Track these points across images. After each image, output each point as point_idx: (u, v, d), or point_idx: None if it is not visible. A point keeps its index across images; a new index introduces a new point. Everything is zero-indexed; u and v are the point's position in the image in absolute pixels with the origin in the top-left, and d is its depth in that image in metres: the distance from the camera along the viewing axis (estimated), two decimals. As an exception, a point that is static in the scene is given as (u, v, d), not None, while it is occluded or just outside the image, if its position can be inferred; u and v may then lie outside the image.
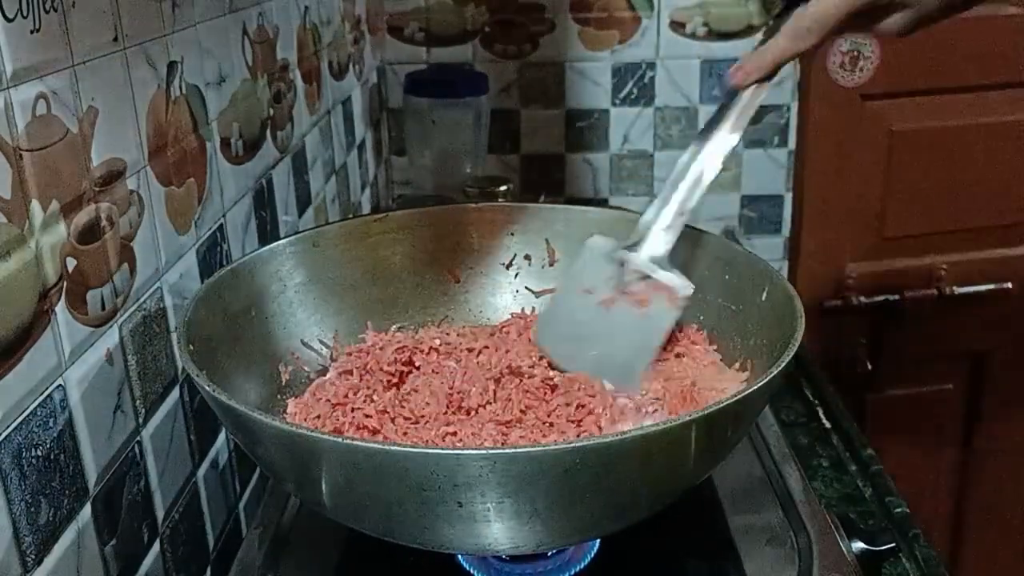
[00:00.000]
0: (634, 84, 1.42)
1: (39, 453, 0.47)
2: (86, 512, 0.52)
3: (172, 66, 0.64)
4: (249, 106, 0.79)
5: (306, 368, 0.70)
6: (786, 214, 1.48)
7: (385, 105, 1.44)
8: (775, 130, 1.43)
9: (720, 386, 0.65)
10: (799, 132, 1.43)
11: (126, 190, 0.57)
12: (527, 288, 0.78)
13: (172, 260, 0.64)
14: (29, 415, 0.46)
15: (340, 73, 1.13)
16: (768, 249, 1.49)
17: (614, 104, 1.43)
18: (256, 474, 0.80)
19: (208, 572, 0.69)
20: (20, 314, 0.46)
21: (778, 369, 0.52)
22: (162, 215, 0.62)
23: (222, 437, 0.73)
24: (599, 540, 0.64)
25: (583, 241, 0.71)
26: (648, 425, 0.58)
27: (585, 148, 1.46)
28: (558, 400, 0.62)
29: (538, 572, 0.62)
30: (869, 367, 1.52)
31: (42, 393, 0.48)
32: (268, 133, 0.85)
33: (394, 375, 0.67)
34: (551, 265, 0.78)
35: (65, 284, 0.50)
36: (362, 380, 0.66)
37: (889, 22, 0.63)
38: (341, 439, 0.48)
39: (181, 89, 0.65)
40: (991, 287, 1.52)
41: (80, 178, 0.51)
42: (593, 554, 0.63)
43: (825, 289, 1.50)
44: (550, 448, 0.46)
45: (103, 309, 0.54)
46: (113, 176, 0.55)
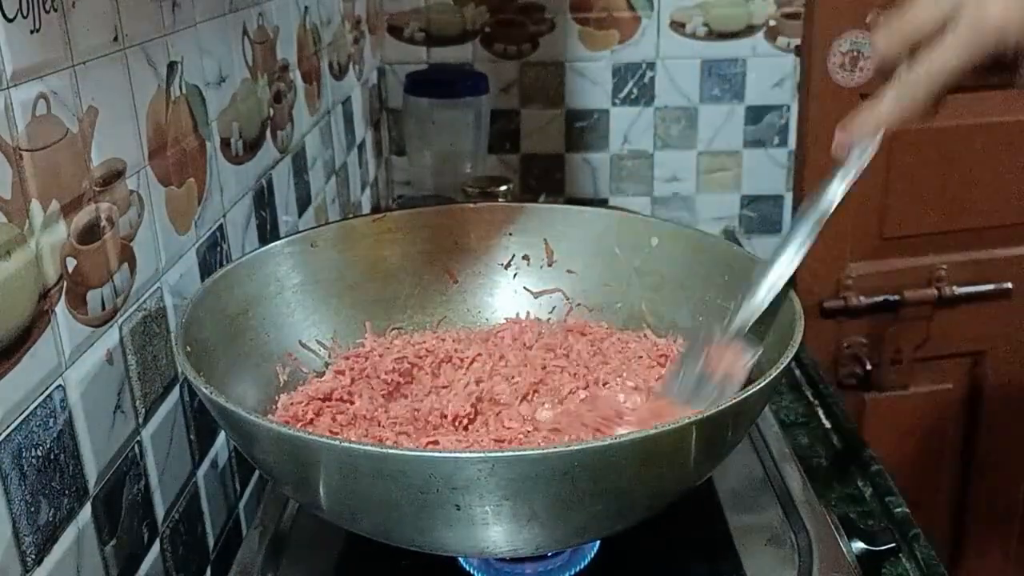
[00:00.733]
0: (634, 84, 1.42)
1: (39, 453, 0.47)
2: (86, 512, 0.52)
3: (172, 66, 0.64)
4: (249, 106, 0.79)
5: (304, 369, 0.70)
6: (786, 214, 1.48)
7: (385, 105, 1.44)
8: (775, 130, 1.43)
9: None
10: (799, 132, 1.43)
11: (126, 190, 0.57)
12: (525, 288, 0.78)
13: (172, 260, 0.64)
14: (29, 415, 0.46)
15: (340, 73, 1.13)
16: (768, 249, 1.48)
17: (614, 104, 1.43)
18: (256, 474, 0.80)
19: (208, 572, 0.69)
20: (20, 314, 0.46)
21: (778, 370, 0.52)
22: (162, 215, 0.62)
23: (222, 437, 0.73)
24: (599, 540, 0.64)
25: (583, 241, 0.71)
26: (647, 428, 0.57)
27: (585, 148, 1.46)
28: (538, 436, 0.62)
29: (538, 572, 0.62)
30: (869, 367, 1.52)
31: (42, 393, 0.48)
32: (268, 133, 0.85)
33: (389, 383, 0.67)
34: (550, 265, 0.78)
35: (65, 284, 0.50)
36: (354, 384, 0.66)
37: (1021, 76, 0.54)
38: (338, 442, 0.48)
39: (181, 89, 0.65)
40: (991, 287, 1.52)
41: (80, 178, 0.51)
42: (593, 554, 0.63)
43: (825, 289, 1.50)
44: (548, 451, 0.46)
45: (103, 309, 0.54)
46: (113, 176, 0.55)
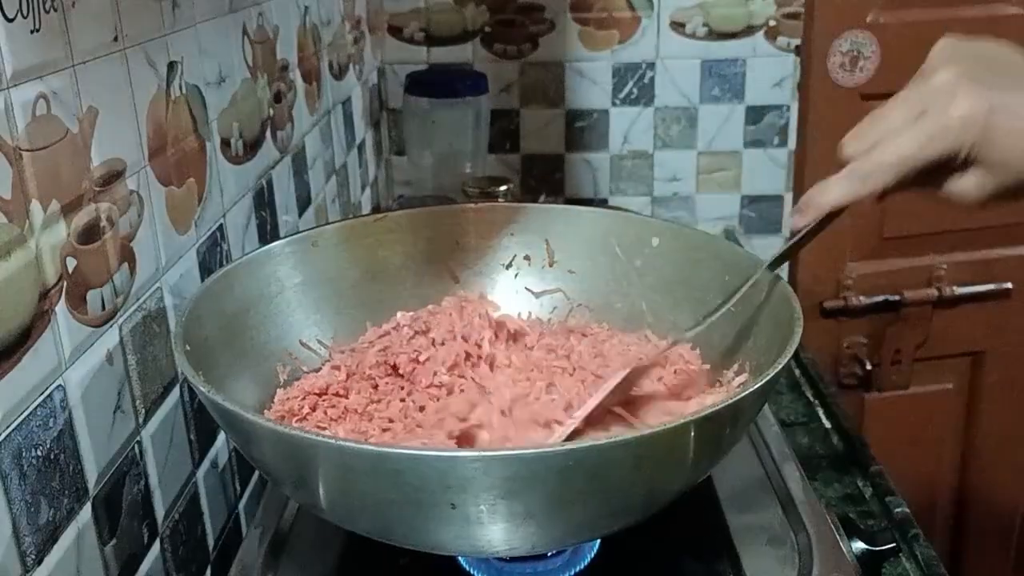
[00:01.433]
0: (634, 84, 1.42)
1: (39, 453, 0.47)
2: (86, 512, 0.52)
3: (172, 66, 0.64)
4: (249, 106, 0.79)
5: (304, 369, 0.70)
6: (786, 214, 1.48)
7: (385, 105, 1.44)
8: (775, 130, 1.43)
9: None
10: (799, 132, 1.43)
11: (126, 190, 0.57)
12: (527, 288, 0.78)
13: (172, 260, 0.64)
14: (29, 415, 0.47)
15: (340, 73, 1.13)
16: (768, 249, 1.47)
17: (614, 104, 1.43)
18: (256, 474, 0.80)
19: (208, 572, 0.70)
20: (20, 314, 0.46)
21: (775, 370, 0.52)
22: (162, 215, 0.62)
23: (222, 437, 0.73)
24: (599, 540, 0.64)
25: (584, 241, 0.71)
26: (643, 427, 0.58)
27: (585, 148, 1.46)
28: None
29: (538, 572, 0.62)
30: (869, 367, 1.52)
31: (42, 393, 0.48)
32: (268, 133, 0.85)
33: (374, 378, 0.67)
34: (550, 266, 0.78)
35: (65, 284, 0.50)
36: (349, 380, 0.66)
37: (963, 185, 0.56)
38: (334, 440, 0.48)
39: (181, 89, 0.65)
40: (991, 287, 1.52)
41: (80, 178, 0.51)
42: (593, 554, 0.63)
43: (825, 289, 1.50)
44: (543, 450, 0.46)
45: (103, 309, 0.54)
46: (113, 176, 0.55)
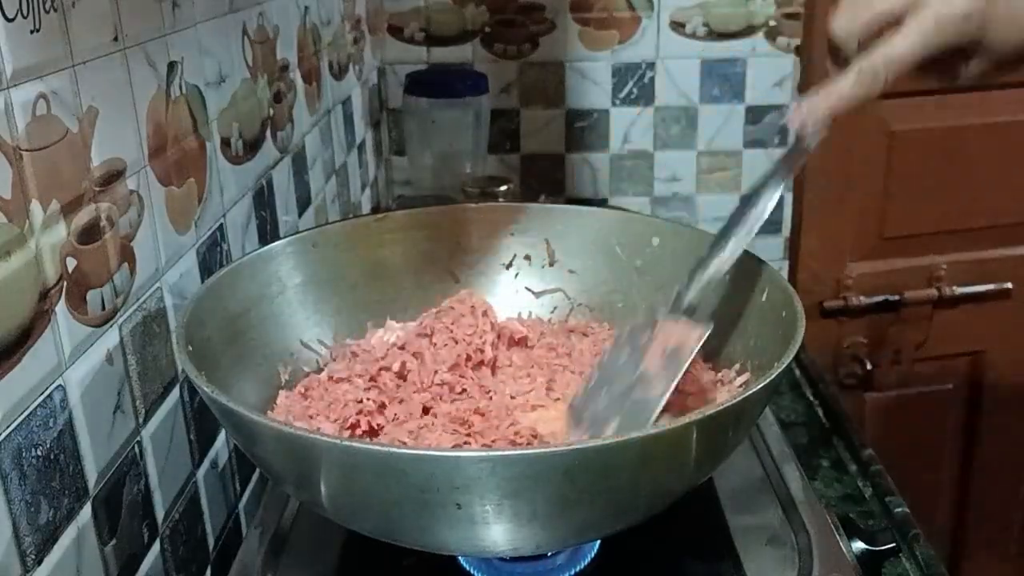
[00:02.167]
0: (634, 84, 1.42)
1: (39, 453, 0.47)
2: (86, 512, 0.52)
3: (172, 66, 0.63)
4: (249, 106, 0.79)
5: (305, 368, 0.70)
6: (786, 214, 1.48)
7: (385, 105, 1.44)
8: (775, 130, 1.43)
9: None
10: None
11: (126, 190, 0.57)
12: (527, 288, 0.78)
13: (172, 260, 0.64)
14: (29, 415, 0.46)
15: (340, 73, 1.13)
16: (768, 249, 1.48)
17: (614, 104, 1.43)
18: (256, 474, 0.80)
19: (208, 572, 0.69)
20: (20, 314, 0.46)
21: (778, 370, 0.52)
22: (162, 215, 0.62)
23: (222, 437, 0.73)
24: (599, 540, 0.64)
25: (584, 241, 0.71)
26: (648, 428, 0.58)
27: (585, 148, 1.46)
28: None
29: (538, 572, 0.62)
30: (869, 367, 1.52)
31: (42, 393, 0.48)
32: (268, 133, 0.85)
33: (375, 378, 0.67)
34: (551, 265, 0.78)
35: (65, 284, 0.50)
36: (351, 382, 0.66)
37: (968, 70, 0.58)
38: (339, 440, 0.48)
39: (181, 89, 0.65)
40: (991, 287, 1.52)
41: (80, 178, 0.51)
42: (593, 554, 0.63)
43: (825, 289, 1.50)
44: (550, 450, 0.46)
45: (103, 309, 0.54)
46: (113, 176, 0.55)
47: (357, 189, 1.24)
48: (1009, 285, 1.52)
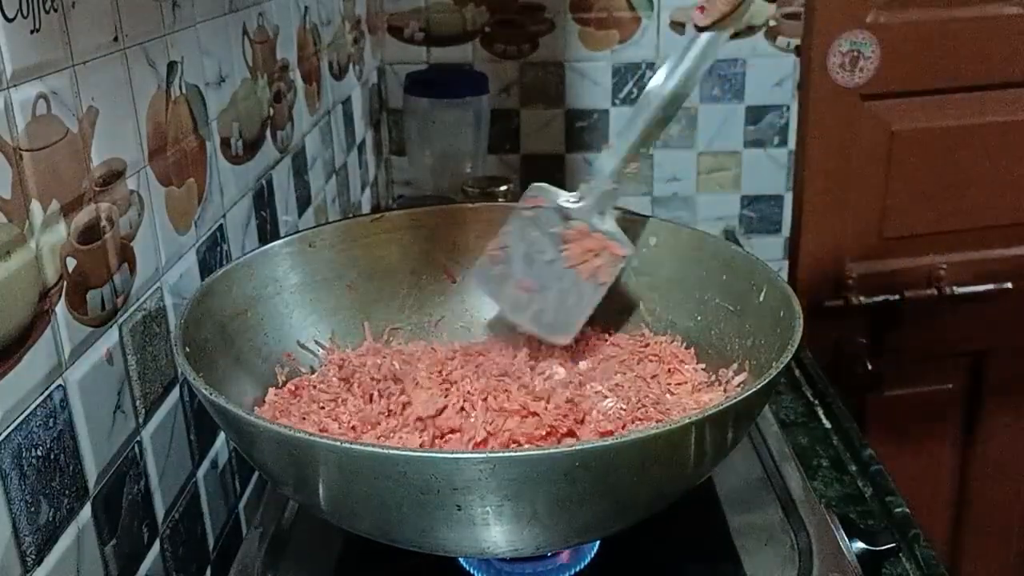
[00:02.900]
0: (634, 84, 1.42)
1: (39, 453, 0.47)
2: (86, 512, 0.52)
3: (172, 66, 0.64)
4: (249, 106, 0.79)
5: (302, 369, 0.70)
6: (786, 214, 1.48)
7: (385, 105, 1.44)
8: (775, 130, 1.43)
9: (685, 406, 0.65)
10: (799, 132, 1.43)
11: (126, 190, 0.57)
12: (526, 288, 0.78)
13: (172, 260, 0.64)
14: (29, 415, 0.46)
15: (340, 73, 1.13)
16: (768, 249, 1.49)
17: (614, 104, 1.43)
18: (256, 474, 0.80)
19: (208, 572, 0.70)
20: (20, 314, 0.46)
21: (777, 370, 0.52)
22: (162, 215, 0.62)
23: (222, 437, 0.73)
24: (599, 540, 0.64)
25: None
26: (648, 428, 0.58)
27: (585, 148, 1.46)
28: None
29: (538, 572, 0.62)
30: (869, 367, 1.52)
31: (42, 393, 0.48)
32: (268, 133, 0.85)
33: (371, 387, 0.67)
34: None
35: (65, 284, 0.50)
36: (340, 386, 0.66)
37: None
38: (339, 442, 0.48)
39: (181, 89, 0.65)
40: (991, 287, 1.52)
41: (80, 178, 0.51)
42: (593, 554, 0.63)
43: (825, 289, 1.50)
44: (549, 451, 0.46)
45: (103, 309, 0.54)
46: (113, 176, 0.55)
47: (357, 189, 1.24)
48: (1009, 285, 1.52)
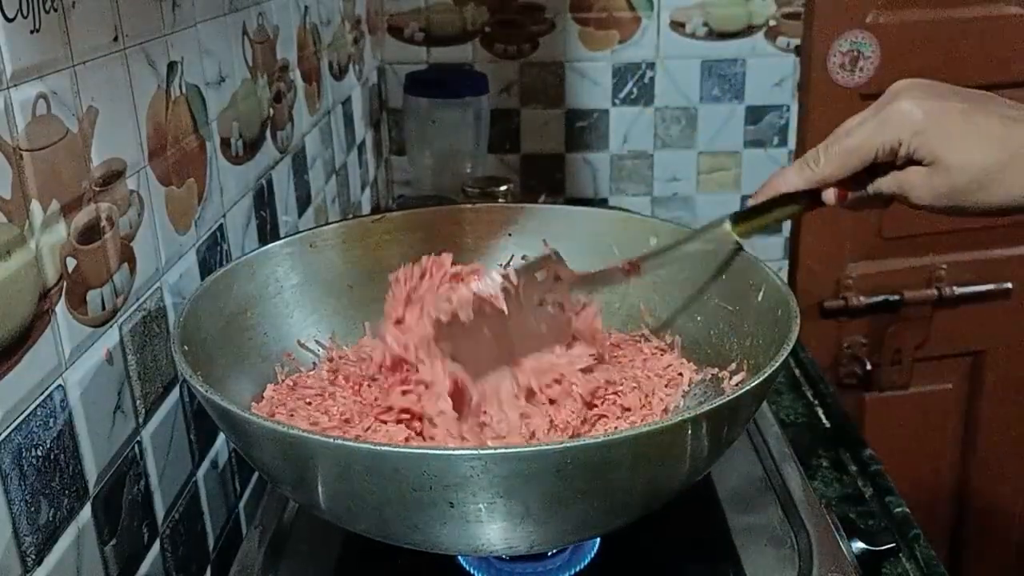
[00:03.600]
0: (634, 84, 1.42)
1: (39, 453, 0.47)
2: (86, 512, 0.52)
3: (172, 66, 0.64)
4: (249, 106, 0.79)
5: (302, 369, 0.70)
6: (786, 214, 1.48)
7: (385, 105, 1.44)
8: (775, 130, 1.44)
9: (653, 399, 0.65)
10: (799, 132, 1.43)
11: (126, 190, 0.57)
12: (526, 288, 0.78)
13: (172, 260, 0.64)
14: (29, 415, 0.47)
15: (340, 73, 1.13)
16: (768, 249, 1.49)
17: (614, 104, 1.43)
18: (256, 474, 0.80)
19: (208, 572, 0.70)
20: (20, 314, 0.46)
21: (772, 368, 0.52)
22: (162, 215, 0.62)
23: (222, 437, 0.73)
24: (599, 539, 0.64)
25: (581, 241, 0.72)
26: (640, 426, 0.58)
27: (585, 148, 1.46)
28: None
29: (538, 571, 0.62)
30: (869, 367, 1.52)
31: (42, 393, 0.48)
32: (268, 133, 0.85)
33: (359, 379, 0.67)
34: (549, 265, 0.78)
35: (65, 284, 0.50)
36: (335, 383, 0.66)
37: (911, 179, 0.61)
38: (332, 439, 0.48)
39: (181, 89, 0.65)
40: (991, 287, 1.52)
41: (80, 178, 0.51)
42: (593, 553, 0.63)
43: (825, 289, 1.50)
44: (541, 448, 0.46)
45: (103, 309, 0.54)
46: (113, 176, 0.55)
47: (357, 189, 1.24)
48: (1009, 285, 1.52)
